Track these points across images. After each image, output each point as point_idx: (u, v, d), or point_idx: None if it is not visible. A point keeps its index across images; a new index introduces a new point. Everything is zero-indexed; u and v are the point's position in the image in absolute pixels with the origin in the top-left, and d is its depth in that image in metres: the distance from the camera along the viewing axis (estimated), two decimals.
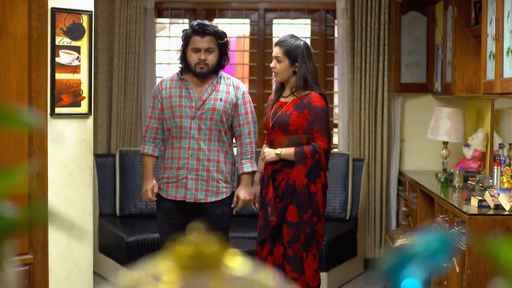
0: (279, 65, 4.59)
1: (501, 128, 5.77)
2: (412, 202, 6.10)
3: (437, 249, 0.74)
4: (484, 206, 4.58)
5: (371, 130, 6.68)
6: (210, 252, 0.78)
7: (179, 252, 0.78)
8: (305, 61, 4.55)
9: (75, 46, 4.50)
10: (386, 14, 6.59)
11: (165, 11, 6.96)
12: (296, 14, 6.99)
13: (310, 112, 4.52)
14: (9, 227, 0.81)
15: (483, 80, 4.99)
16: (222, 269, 0.77)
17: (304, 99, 4.55)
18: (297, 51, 4.55)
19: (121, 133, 6.70)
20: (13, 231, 0.82)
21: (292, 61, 4.57)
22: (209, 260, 0.77)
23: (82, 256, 4.62)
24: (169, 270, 0.77)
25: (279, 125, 4.56)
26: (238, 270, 0.78)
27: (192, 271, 0.77)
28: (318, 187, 4.53)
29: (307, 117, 4.52)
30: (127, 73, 6.66)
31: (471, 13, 5.76)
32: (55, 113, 4.44)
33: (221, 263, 0.78)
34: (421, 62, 6.70)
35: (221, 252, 0.78)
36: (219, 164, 4.45)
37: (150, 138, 4.55)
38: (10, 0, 4.17)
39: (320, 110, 4.53)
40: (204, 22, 4.44)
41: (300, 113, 4.53)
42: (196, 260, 0.77)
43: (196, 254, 0.77)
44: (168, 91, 4.49)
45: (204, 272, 0.77)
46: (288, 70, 4.58)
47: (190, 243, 0.78)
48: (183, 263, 0.77)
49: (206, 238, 0.78)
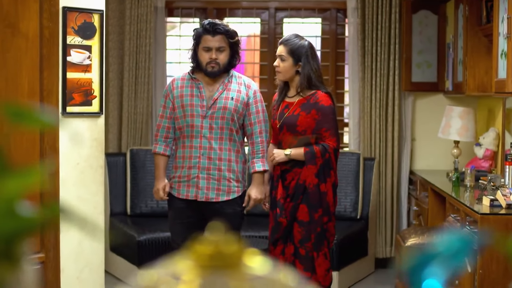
0: (282, 64, 4.59)
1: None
2: (423, 202, 6.09)
3: (458, 249, 0.74)
4: (496, 205, 4.56)
5: (382, 129, 6.66)
6: (229, 252, 0.77)
7: (199, 251, 0.77)
8: (309, 60, 4.55)
9: (86, 45, 4.50)
10: (397, 13, 6.57)
11: (175, 10, 6.96)
12: (307, 13, 6.98)
13: (318, 111, 4.51)
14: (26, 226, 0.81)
15: (495, 79, 4.97)
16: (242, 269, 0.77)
17: (311, 99, 4.55)
18: (301, 51, 4.55)
19: (132, 132, 6.71)
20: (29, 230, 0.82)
21: (295, 61, 4.56)
22: (229, 259, 0.77)
23: (94, 255, 4.63)
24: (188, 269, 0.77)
25: (287, 126, 4.55)
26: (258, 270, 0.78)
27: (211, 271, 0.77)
28: (328, 186, 4.53)
29: (315, 117, 4.51)
30: (137, 72, 6.67)
31: (482, 12, 5.74)
32: (66, 112, 4.45)
33: (241, 263, 0.77)
34: (432, 61, 6.68)
35: (240, 252, 0.78)
36: (231, 163, 4.45)
37: (162, 137, 4.55)
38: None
39: (327, 109, 4.53)
40: (215, 21, 4.44)
41: (308, 113, 4.52)
42: (215, 259, 0.77)
43: (215, 253, 0.77)
44: (179, 90, 4.50)
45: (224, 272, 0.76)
46: (291, 69, 4.58)
47: (209, 242, 0.78)
48: (202, 263, 0.77)
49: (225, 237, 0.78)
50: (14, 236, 0.80)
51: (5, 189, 0.80)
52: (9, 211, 0.81)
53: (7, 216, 0.80)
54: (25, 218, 0.81)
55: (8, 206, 0.81)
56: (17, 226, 0.80)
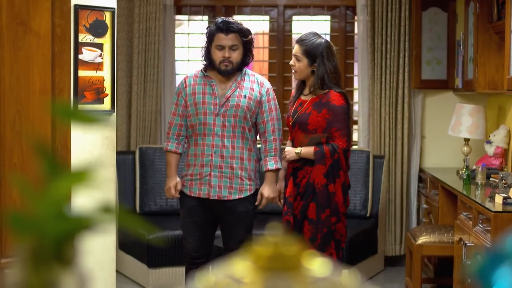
0: (297, 64, 4.54)
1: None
2: (434, 199, 6.06)
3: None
4: (509, 203, 4.53)
5: (391, 127, 6.64)
6: (290, 253, 0.76)
7: (258, 253, 0.76)
8: (324, 61, 4.48)
9: (98, 43, 4.49)
10: (407, 10, 6.55)
11: (184, 8, 6.94)
12: (316, 11, 6.96)
13: (329, 111, 4.48)
14: (76, 227, 0.79)
15: (507, 76, 4.95)
16: (303, 271, 0.75)
17: (323, 98, 4.52)
18: (317, 51, 4.48)
19: (141, 130, 6.69)
20: (79, 232, 0.80)
21: (311, 61, 4.51)
22: (289, 261, 0.75)
23: (105, 253, 4.62)
24: (247, 271, 0.76)
25: (299, 124, 4.53)
26: (318, 271, 0.76)
27: (272, 273, 0.75)
28: (337, 186, 4.48)
29: (326, 116, 4.48)
30: (146, 70, 6.65)
31: (493, 9, 5.71)
32: None
33: (302, 265, 0.76)
34: (442, 58, 6.66)
35: (300, 253, 0.76)
36: (243, 161, 4.43)
37: (174, 135, 4.53)
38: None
39: (339, 109, 4.47)
40: (228, 20, 4.41)
41: (319, 112, 4.49)
42: (276, 261, 0.75)
43: (275, 255, 0.75)
44: (192, 87, 4.48)
45: (285, 274, 0.75)
46: (306, 69, 4.54)
47: (268, 244, 0.76)
48: (262, 265, 0.75)
49: (284, 239, 0.76)
50: (65, 238, 0.79)
51: (56, 190, 0.79)
52: (59, 212, 0.79)
53: (58, 218, 0.78)
54: (75, 219, 0.79)
55: (58, 208, 0.80)
56: (68, 228, 0.79)
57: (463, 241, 4.83)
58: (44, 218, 0.76)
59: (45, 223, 0.76)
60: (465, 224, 4.89)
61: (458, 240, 4.99)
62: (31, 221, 0.77)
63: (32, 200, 0.78)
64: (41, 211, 0.76)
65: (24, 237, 0.77)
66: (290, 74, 6.90)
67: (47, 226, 0.76)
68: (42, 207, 0.76)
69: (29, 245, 0.77)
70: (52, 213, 0.77)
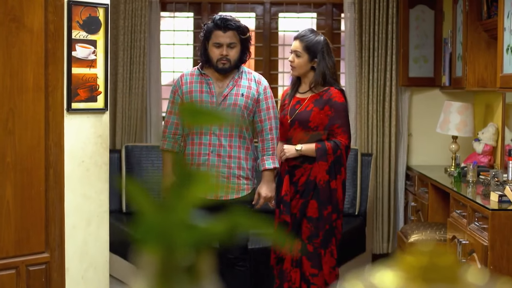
0: (297, 60, 4.53)
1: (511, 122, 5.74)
2: (423, 197, 6.06)
3: None
4: (505, 201, 4.54)
5: (379, 124, 6.62)
6: (445, 264, 0.71)
7: (410, 262, 0.71)
8: (324, 57, 4.52)
9: (91, 40, 4.40)
10: (394, 7, 6.54)
11: (169, 4, 6.86)
12: (302, 8, 6.91)
13: (331, 108, 4.48)
14: (207, 237, 0.74)
15: (500, 74, 4.95)
16: (460, 282, 0.71)
17: (324, 95, 4.51)
18: (317, 47, 4.51)
19: (127, 129, 6.60)
20: (209, 241, 0.75)
21: (311, 57, 4.53)
22: (445, 272, 0.71)
23: (99, 254, 4.54)
24: (399, 282, 0.71)
25: (299, 122, 4.50)
26: (476, 283, 0.72)
27: (427, 284, 0.70)
28: (338, 183, 4.49)
29: (328, 113, 4.48)
30: (132, 68, 6.56)
31: (483, 7, 5.72)
32: (71, 108, 4.33)
33: (458, 276, 0.71)
34: (429, 56, 6.65)
35: (456, 264, 0.71)
36: (240, 160, 4.38)
37: (170, 134, 4.47)
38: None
39: (340, 106, 4.51)
40: (226, 17, 4.35)
41: (321, 109, 4.49)
42: (431, 272, 0.71)
43: (430, 266, 0.71)
44: (188, 86, 4.41)
45: (441, 286, 0.70)
46: (306, 65, 4.55)
47: (422, 254, 0.71)
48: (415, 275, 0.71)
49: (438, 249, 0.71)
50: (196, 248, 0.73)
51: (186, 198, 0.73)
52: (188, 221, 0.74)
53: (189, 227, 0.73)
54: (206, 229, 0.74)
55: (186, 217, 0.74)
56: (200, 237, 0.73)
57: (457, 239, 4.82)
58: (175, 227, 0.71)
59: (176, 233, 0.71)
60: (459, 222, 4.88)
61: (451, 238, 4.99)
62: (161, 231, 0.71)
63: (159, 208, 0.72)
64: (170, 220, 0.71)
65: (152, 249, 0.71)
66: (276, 72, 6.87)
67: (178, 236, 0.71)
68: (171, 216, 0.71)
69: (158, 256, 0.71)
70: (182, 222, 0.72)
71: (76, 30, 4.33)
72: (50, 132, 4.26)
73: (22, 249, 4.18)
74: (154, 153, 6.34)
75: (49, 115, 4.23)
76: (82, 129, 4.41)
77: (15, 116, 4.12)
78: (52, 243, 4.31)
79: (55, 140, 4.28)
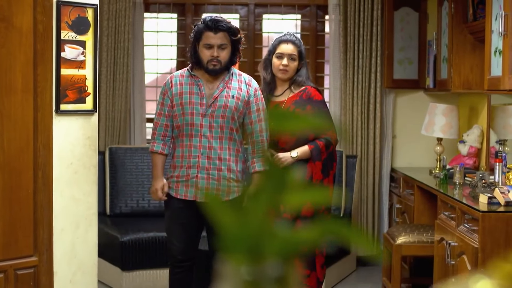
0: (292, 64, 4.58)
1: (496, 124, 5.77)
2: (408, 199, 6.06)
3: None
4: (494, 203, 4.55)
5: (363, 126, 6.63)
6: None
7: (509, 271, 0.69)
8: (305, 59, 4.67)
9: (80, 41, 4.34)
10: (379, 10, 6.54)
11: (152, 5, 6.80)
12: (286, 9, 6.90)
13: (313, 107, 4.49)
14: (296, 246, 0.71)
15: (488, 76, 4.96)
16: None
17: (303, 94, 4.55)
18: (304, 50, 4.65)
19: (110, 130, 6.54)
20: (295, 252, 0.72)
21: (300, 60, 4.61)
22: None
23: (87, 257, 4.48)
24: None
25: None
26: None
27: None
28: (330, 179, 4.54)
29: (311, 112, 4.49)
30: (115, 69, 6.50)
31: (468, 9, 5.74)
32: (60, 110, 4.27)
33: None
34: (413, 58, 6.67)
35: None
36: (230, 163, 4.34)
37: (160, 136, 4.42)
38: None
39: (321, 104, 4.59)
40: (217, 18, 4.31)
41: (303, 109, 4.48)
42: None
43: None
44: (178, 87, 4.36)
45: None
46: (296, 68, 4.62)
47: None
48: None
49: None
50: (286, 258, 0.70)
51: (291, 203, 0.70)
52: (275, 230, 0.71)
53: (277, 237, 0.70)
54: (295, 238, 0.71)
55: (272, 225, 0.71)
56: (288, 247, 0.70)
57: (445, 241, 4.82)
58: (262, 236, 0.68)
59: (264, 242, 0.68)
60: (447, 223, 4.89)
61: (439, 240, 4.99)
62: (248, 241, 0.68)
63: (243, 218, 0.69)
64: (257, 229, 0.68)
65: (239, 259, 0.68)
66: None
67: (267, 245, 0.68)
68: (258, 225, 0.68)
69: (246, 267, 0.68)
70: (269, 231, 0.69)
71: (65, 31, 4.27)
72: (39, 134, 4.20)
73: (10, 253, 4.11)
74: (138, 155, 6.29)
75: (37, 116, 4.17)
76: (71, 130, 4.35)
77: (3, 117, 4.06)
78: (41, 247, 4.24)
79: (43, 142, 4.22)
